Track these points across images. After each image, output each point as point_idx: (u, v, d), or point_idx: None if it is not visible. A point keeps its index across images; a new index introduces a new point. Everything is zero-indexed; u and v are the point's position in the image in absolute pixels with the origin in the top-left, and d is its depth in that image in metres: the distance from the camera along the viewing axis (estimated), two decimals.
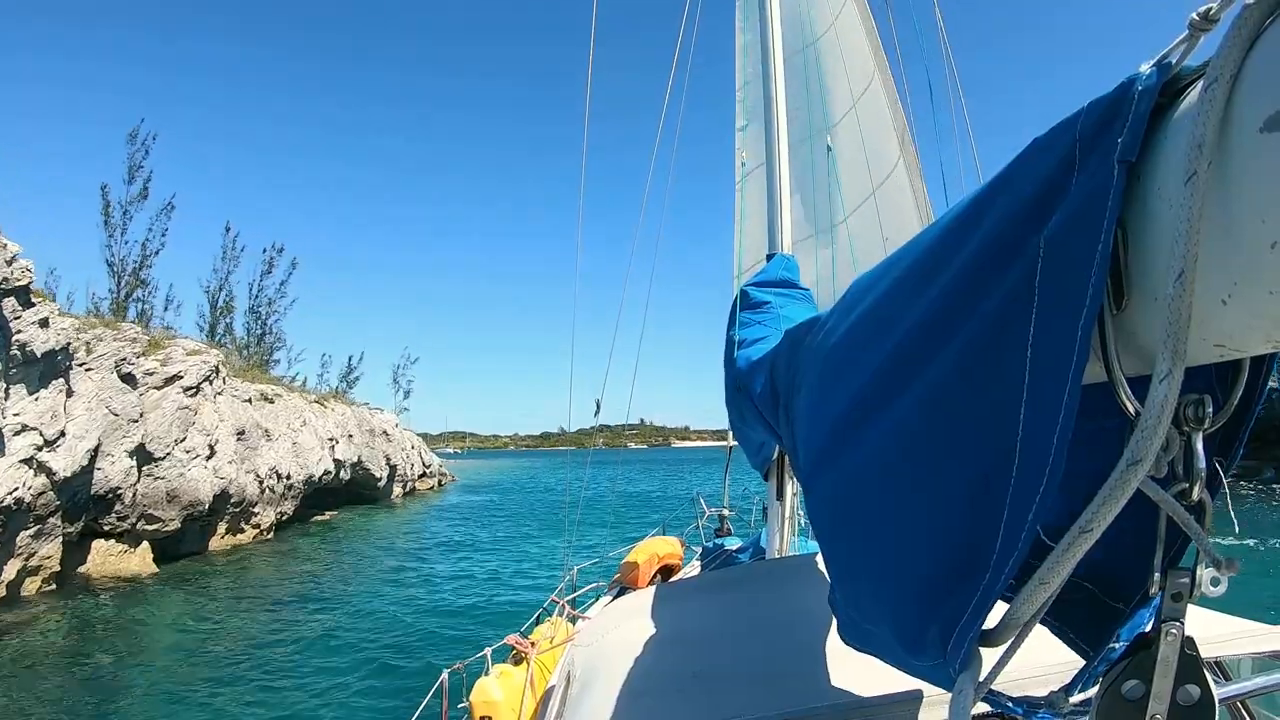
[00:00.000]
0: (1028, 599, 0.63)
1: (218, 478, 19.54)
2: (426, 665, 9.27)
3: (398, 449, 36.32)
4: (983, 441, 0.66)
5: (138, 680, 9.42)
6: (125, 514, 16.86)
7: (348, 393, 47.29)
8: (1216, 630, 1.54)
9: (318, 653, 10.69)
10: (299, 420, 25.39)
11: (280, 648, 10.97)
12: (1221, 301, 0.52)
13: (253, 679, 9.44)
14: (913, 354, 0.78)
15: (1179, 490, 0.61)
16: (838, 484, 0.94)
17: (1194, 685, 0.66)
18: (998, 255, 0.68)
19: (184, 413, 18.87)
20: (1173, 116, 0.57)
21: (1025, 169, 0.68)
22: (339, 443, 29.26)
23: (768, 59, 3.76)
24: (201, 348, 21.36)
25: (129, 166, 34.34)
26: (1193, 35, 0.58)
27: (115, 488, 16.50)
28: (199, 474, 18.75)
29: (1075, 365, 0.57)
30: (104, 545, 16.73)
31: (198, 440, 19.11)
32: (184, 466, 18.40)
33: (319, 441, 26.27)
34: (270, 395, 24.82)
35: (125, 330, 19.91)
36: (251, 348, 43.50)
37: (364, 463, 31.68)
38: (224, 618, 12.84)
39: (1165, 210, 0.55)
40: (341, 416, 30.87)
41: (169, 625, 12.33)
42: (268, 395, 24.74)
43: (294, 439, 24.55)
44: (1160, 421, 0.54)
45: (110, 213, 34.28)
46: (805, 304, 2.42)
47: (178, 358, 19.95)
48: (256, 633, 11.84)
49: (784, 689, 1.52)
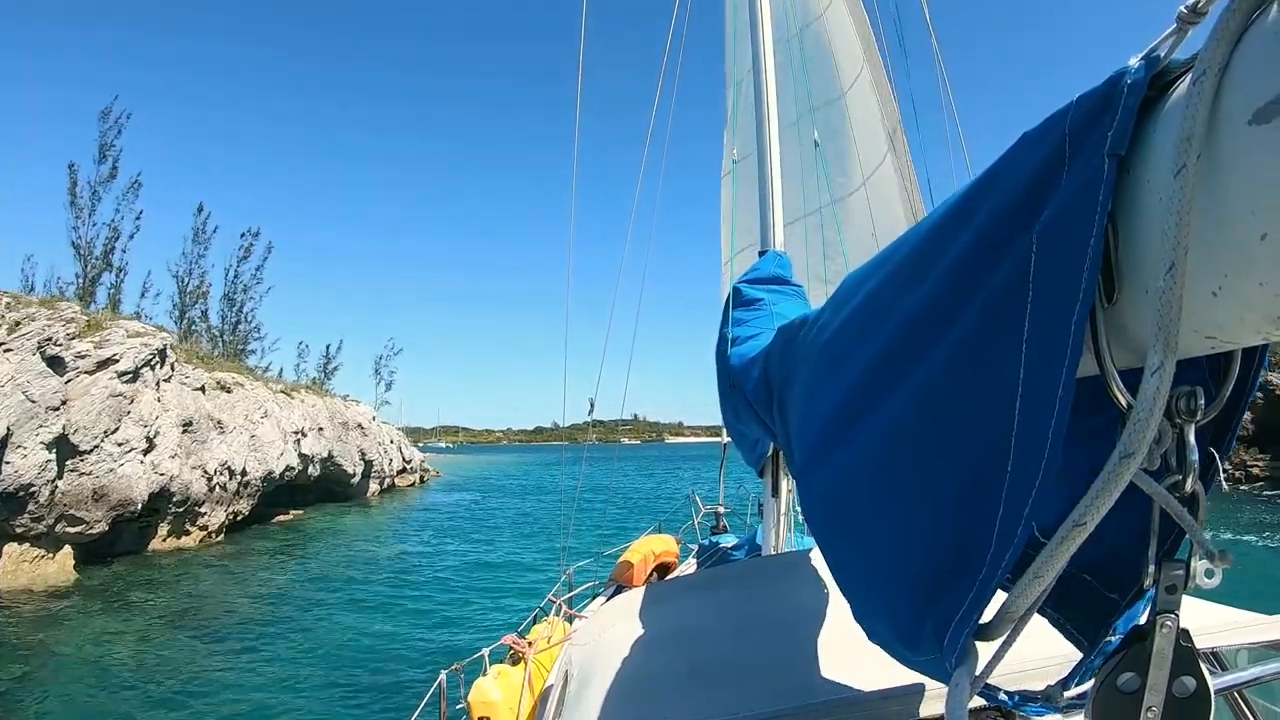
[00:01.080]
0: (1023, 593, 0.63)
1: (156, 474, 17.56)
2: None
3: (374, 443, 34.30)
4: (977, 437, 0.66)
5: (28, 711, 7.79)
6: (40, 514, 14.85)
7: (326, 384, 45.42)
8: (1212, 621, 1.54)
9: (246, 678, 9.05)
10: (259, 412, 23.39)
11: (207, 670, 9.31)
12: (1212, 294, 0.52)
13: (170, 709, 7.94)
14: (906, 349, 0.78)
15: (1172, 482, 0.61)
16: (831, 480, 0.94)
17: (1189, 677, 0.66)
18: (990, 250, 0.67)
19: (117, 401, 16.86)
20: (1162, 110, 0.57)
21: (1016, 164, 0.68)
22: (307, 436, 27.28)
23: (758, 57, 3.73)
24: (147, 330, 19.33)
25: (99, 145, 32.53)
26: (1181, 28, 0.58)
27: (28, 484, 14.50)
28: (133, 469, 16.76)
29: (1070, 359, 0.57)
30: (16, 550, 14.74)
31: (133, 432, 17.12)
32: (115, 461, 16.41)
33: (281, 435, 24.28)
34: (228, 384, 22.82)
35: (61, 309, 17.92)
36: (226, 335, 41.60)
37: (335, 458, 29.70)
38: (144, 636, 11.03)
39: (1155, 203, 0.55)
40: (311, 408, 28.88)
41: (82, 644, 10.46)
42: (225, 384, 22.75)
43: (252, 432, 22.57)
44: (1152, 414, 0.54)
45: (77, 193, 32.53)
46: (798, 300, 2.41)
47: (117, 340, 17.94)
48: (178, 654, 10.05)
49: (781, 685, 1.51)
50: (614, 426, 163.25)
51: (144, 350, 18.08)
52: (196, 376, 21.06)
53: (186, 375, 20.63)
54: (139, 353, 17.87)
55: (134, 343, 18.06)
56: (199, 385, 20.88)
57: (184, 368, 20.77)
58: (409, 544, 19.87)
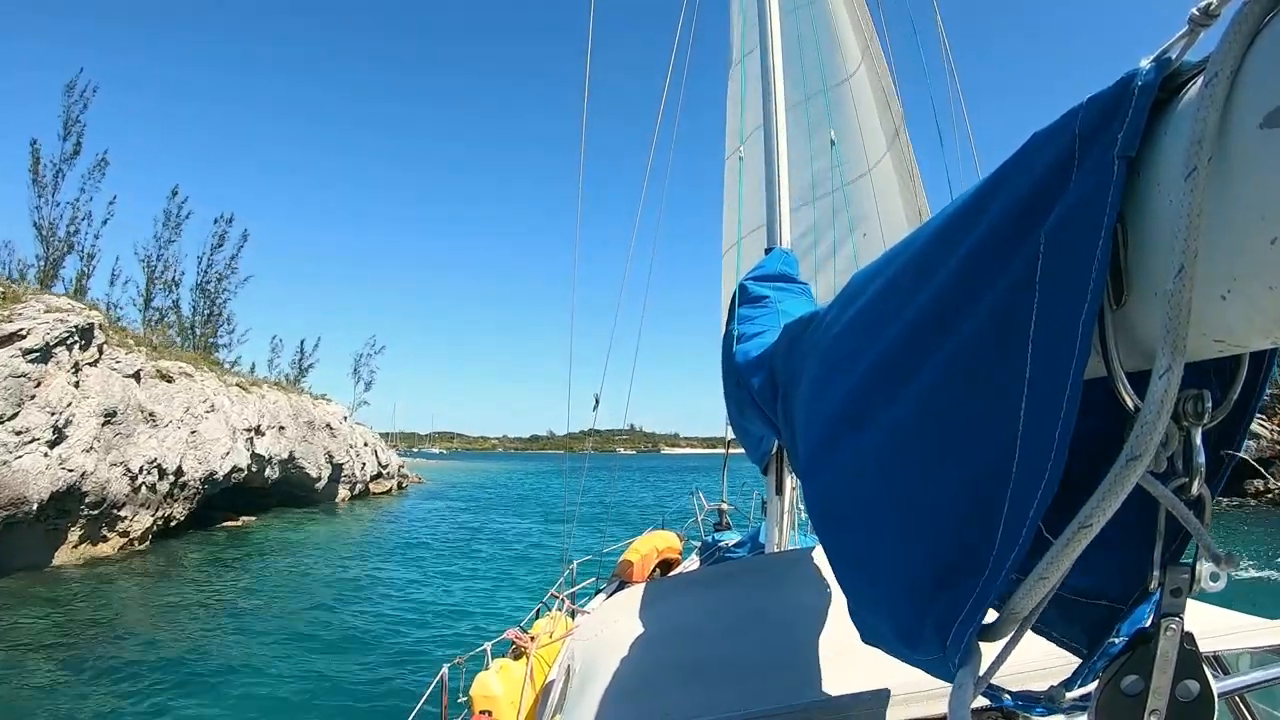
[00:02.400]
0: (1027, 594, 0.63)
1: (64, 469, 15.12)
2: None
3: (344, 445, 31.71)
4: (982, 437, 0.66)
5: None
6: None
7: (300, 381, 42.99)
8: (1215, 625, 1.54)
9: None
10: (204, 405, 20.96)
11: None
12: (1221, 297, 0.52)
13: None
14: (912, 348, 0.78)
15: (1178, 485, 0.61)
16: (835, 478, 0.93)
17: (1193, 680, 0.66)
18: (998, 250, 0.68)
19: (19, 382, 14.47)
20: (1173, 112, 0.57)
21: (1025, 164, 0.68)
22: (264, 435, 24.85)
23: (766, 58, 3.71)
24: (72, 306, 16.98)
25: (64, 120, 30.47)
26: (1193, 30, 0.58)
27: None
28: (32, 463, 14.33)
29: (1077, 361, 0.56)
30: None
31: (37, 419, 14.71)
32: (9, 452, 13.99)
33: (230, 432, 21.83)
34: (170, 373, 20.41)
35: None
36: (198, 327, 39.29)
37: (297, 460, 27.23)
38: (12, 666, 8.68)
39: (1165, 206, 0.55)
40: (272, 404, 26.44)
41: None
42: (166, 373, 20.34)
43: (193, 427, 20.14)
44: (1160, 417, 0.54)
45: (40, 170, 30.45)
46: (804, 298, 2.40)
47: (30, 314, 15.60)
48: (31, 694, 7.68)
49: (782, 683, 1.52)
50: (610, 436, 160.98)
51: (59, 327, 15.71)
52: (130, 362, 18.66)
53: (118, 360, 18.23)
54: (52, 329, 15.49)
55: (49, 318, 15.69)
56: (132, 371, 18.47)
57: (115, 351, 18.37)
58: (366, 563, 17.27)
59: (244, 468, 22.45)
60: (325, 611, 12.20)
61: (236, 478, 22.28)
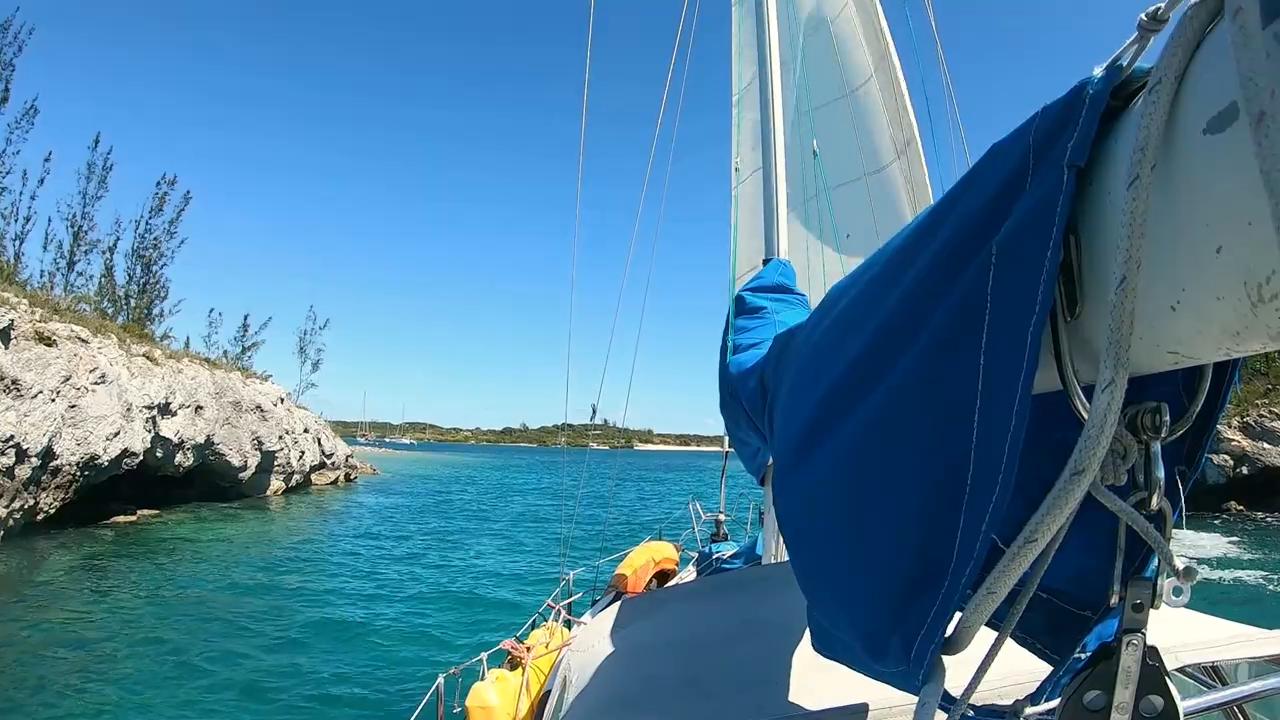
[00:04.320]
0: (976, 608, 0.62)
1: None
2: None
3: (277, 430, 28.17)
4: (939, 448, 0.66)
5: None
6: None
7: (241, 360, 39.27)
8: (1213, 635, 1.53)
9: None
10: (91, 375, 17.59)
11: None
12: (1171, 308, 0.51)
13: None
14: (875, 359, 0.78)
15: (1138, 500, 0.61)
16: (803, 490, 0.92)
17: (1157, 696, 0.66)
18: (952, 262, 0.67)
19: None
20: (1123, 120, 0.57)
21: (983, 176, 0.68)
22: (175, 414, 21.48)
23: (764, 62, 3.70)
24: None
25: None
26: (1143, 36, 0.56)
27: None
28: None
29: (1025, 372, 0.56)
30: None
31: None
32: None
33: (123, 409, 18.44)
34: (50, 336, 17.04)
35: None
36: (133, 298, 35.54)
37: (216, 445, 23.83)
38: None
39: (1113, 215, 0.54)
40: (190, 380, 22.99)
41: None
42: (47, 335, 16.97)
43: (74, 400, 16.79)
44: (1103, 430, 0.53)
45: None
46: (801, 309, 2.37)
47: None
48: None
49: (779, 694, 1.50)
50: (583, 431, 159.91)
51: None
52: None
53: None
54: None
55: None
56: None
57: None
58: (271, 579, 14.05)
59: (138, 452, 19.04)
60: (197, 644, 9.12)
61: (130, 463, 18.87)
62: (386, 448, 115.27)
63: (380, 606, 11.90)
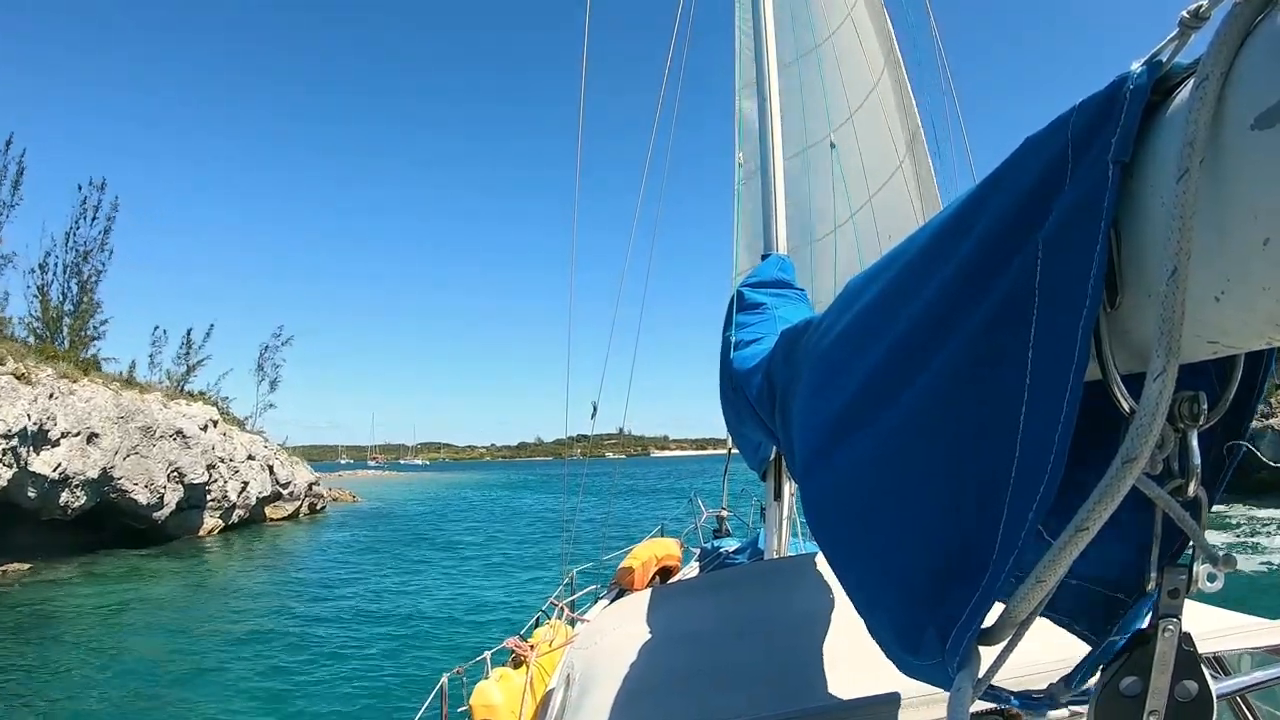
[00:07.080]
0: (1025, 597, 0.63)
1: None
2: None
3: (203, 460, 23.97)
4: (982, 443, 0.67)
5: None
6: None
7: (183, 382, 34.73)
8: (1215, 625, 1.53)
9: None
10: None
11: None
12: (1215, 298, 0.52)
13: None
14: (910, 355, 0.79)
15: (1175, 487, 0.62)
16: (834, 484, 0.94)
17: (1192, 681, 0.67)
18: (995, 256, 0.68)
19: None
20: (1165, 115, 0.57)
21: (1019, 170, 0.69)
22: (56, 445, 17.58)
23: (762, 57, 3.74)
24: None
25: None
26: (1184, 33, 0.58)
27: None
28: None
29: (1077, 365, 0.57)
30: None
31: None
32: None
33: None
34: None
35: None
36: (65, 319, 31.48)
37: (117, 480, 19.82)
38: None
39: (1158, 208, 0.56)
40: (83, 403, 19.08)
41: None
42: None
43: None
44: (1155, 419, 0.54)
45: None
46: (801, 304, 2.41)
47: None
48: None
49: (783, 689, 1.51)
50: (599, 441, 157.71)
51: None
52: None
53: None
54: None
55: None
56: None
57: None
58: (135, 665, 9.72)
59: (12, 492, 15.02)
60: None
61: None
62: (397, 470, 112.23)
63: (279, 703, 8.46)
